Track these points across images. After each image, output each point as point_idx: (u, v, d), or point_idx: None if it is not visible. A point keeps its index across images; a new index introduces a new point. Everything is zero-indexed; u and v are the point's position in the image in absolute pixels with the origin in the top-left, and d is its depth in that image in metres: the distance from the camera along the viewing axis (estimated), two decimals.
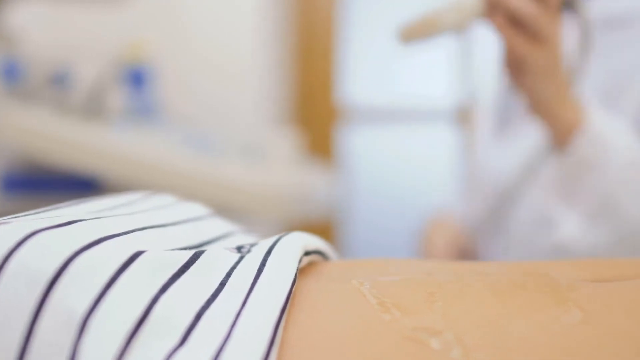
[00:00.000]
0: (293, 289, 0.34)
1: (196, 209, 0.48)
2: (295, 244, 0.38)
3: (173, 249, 0.36)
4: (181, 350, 0.30)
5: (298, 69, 2.01)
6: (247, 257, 0.37)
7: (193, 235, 0.42)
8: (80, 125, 1.48)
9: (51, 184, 1.50)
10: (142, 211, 0.43)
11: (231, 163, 1.52)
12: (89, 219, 0.36)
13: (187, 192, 1.48)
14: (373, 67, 2.22)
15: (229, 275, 0.35)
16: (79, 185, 1.48)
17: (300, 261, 0.38)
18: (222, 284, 0.35)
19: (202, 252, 0.36)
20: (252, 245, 0.40)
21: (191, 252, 0.36)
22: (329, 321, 0.33)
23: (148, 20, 1.73)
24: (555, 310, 0.33)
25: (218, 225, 0.46)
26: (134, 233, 0.36)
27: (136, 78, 1.60)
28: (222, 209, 1.47)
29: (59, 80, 1.55)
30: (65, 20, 1.68)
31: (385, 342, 0.31)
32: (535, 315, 0.33)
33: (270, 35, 1.90)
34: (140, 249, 0.34)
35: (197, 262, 0.35)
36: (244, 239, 0.46)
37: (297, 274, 0.36)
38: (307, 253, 0.40)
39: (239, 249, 0.39)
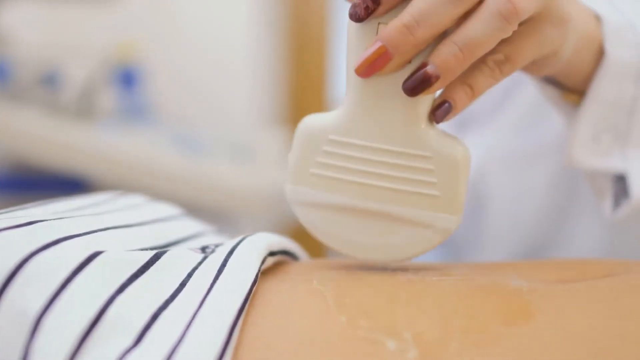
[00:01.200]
0: (253, 290, 0.34)
1: (167, 209, 0.48)
2: (259, 244, 0.38)
3: (135, 250, 0.36)
4: (135, 350, 0.30)
5: (290, 68, 2.01)
6: (210, 257, 0.37)
7: (160, 235, 0.41)
8: (70, 126, 1.48)
9: (41, 184, 1.50)
10: (109, 211, 0.43)
11: (222, 163, 1.52)
12: (49, 220, 0.36)
13: (177, 192, 1.48)
14: None
15: (190, 275, 0.35)
16: (68, 185, 1.48)
17: (263, 262, 0.37)
18: (183, 285, 0.34)
19: (164, 252, 0.36)
20: (217, 245, 0.40)
21: (152, 253, 0.36)
22: (287, 322, 0.33)
23: (138, 21, 1.73)
24: (513, 312, 0.33)
25: (188, 226, 0.46)
26: (95, 233, 0.36)
27: (126, 78, 1.60)
28: (212, 210, 1.46)
29: (49, 81, 1.55)
30: (56, 21, 1.68)
31: (340, 343, 0.31)
32: (493, 317, 0.33)
33: (263, 35, 1.90)
34: (100, 249, 0.34)
35: (157, 262, 0.35)
36: (214, 240, 0.46)
37: (259, 274, 0.36)
38: (273, 253, 0.40)
39: (203, 249, 0.39)
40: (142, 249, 0.36)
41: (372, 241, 0.37)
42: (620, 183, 0.49)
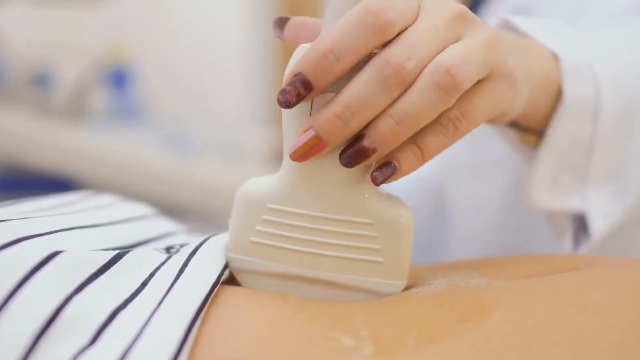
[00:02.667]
0: (215, 289, 0.34)
1: (138, 208, 0.48)
2: (223, 244, 0.38)
3: (98, 250, 0.36)
4: (90, 349, 0.30)
5: (282, 68, 2.00)
6: (174, 257, 0.37)
7: (127, 235, 0.41)
8: (61, 126, 1.48)
9: (31, 185, 1.50)
10: (77, 211, 0.43)
11: (212, 163, 1.53)
12: (12, 219, 0.36)
13: (168, 192, 1.47)
14: None
15: (152, 275, 0.35)
16: (59, 186, 1.48)
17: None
18: (144, 284, 0.35)
19: (126, 252, 0.36)
20: (182, 245, 0.40)
21: (113, 253, 0.36)
22: (246, 320, 0.33)
23: (130, 21, 1.73)
24: (469, 308, 0.33)
25: (159, 225, 0.46)
26: (58, 233, 0.36)
27: (118, 78, 1.60)
28: (203, 210, 1.45)
29: (41, 81, 1.55)
30: (47, 21, 1.68)
31: (297, 339, 0.31)
32: (449, 314, 0.33)
33: (254, 35, 1.90)
34: (61, 249, 0.34)
35: (118, 262, 0.35)
36: (184, 239, 0.46)
37: (222, 274, 0.36)
38: None
39: (168, 249, 0.39)
40: (105, 249, 0.37)
41: None
42: (579, 220, 0.49)
